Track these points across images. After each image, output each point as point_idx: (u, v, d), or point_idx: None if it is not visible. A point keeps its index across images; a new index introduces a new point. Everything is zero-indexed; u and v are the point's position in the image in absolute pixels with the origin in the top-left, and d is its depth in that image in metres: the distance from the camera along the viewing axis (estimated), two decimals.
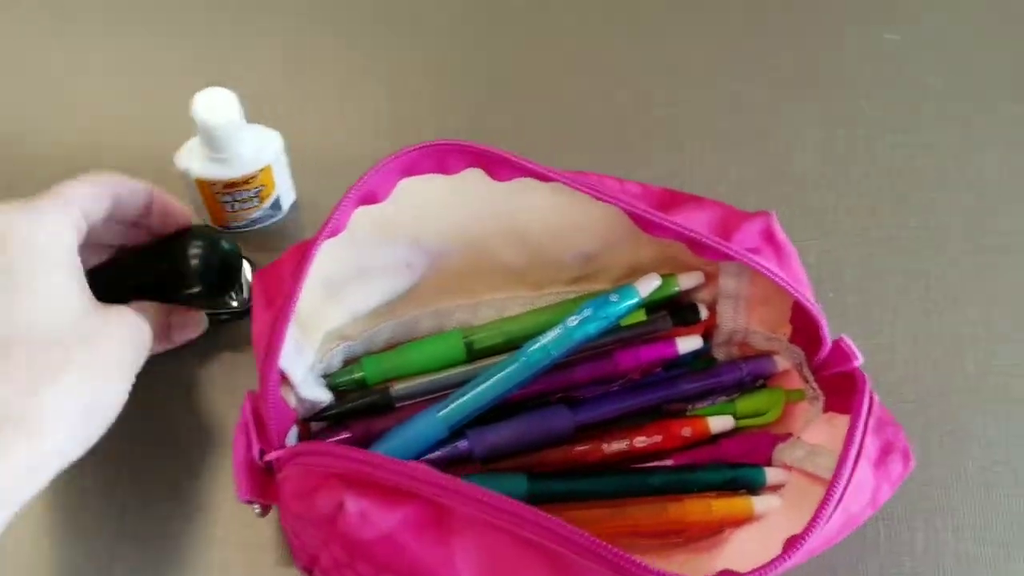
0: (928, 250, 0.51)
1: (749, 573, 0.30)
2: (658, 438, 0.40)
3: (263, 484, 0.35)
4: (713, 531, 0.37)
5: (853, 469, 0.32)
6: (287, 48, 0.57)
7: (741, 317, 0.41)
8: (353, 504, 0.31)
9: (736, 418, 0.41)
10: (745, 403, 0.42)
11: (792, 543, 0.31)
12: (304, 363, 0.38)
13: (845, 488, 0.32)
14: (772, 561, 0.30)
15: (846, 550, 0.41)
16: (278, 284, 0.36)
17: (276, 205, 0.50)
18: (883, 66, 0.57)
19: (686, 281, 0.42)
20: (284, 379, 0.37)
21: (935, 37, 0.59)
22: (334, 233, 0.36)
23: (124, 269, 0.44)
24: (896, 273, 0.50)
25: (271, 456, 0.34)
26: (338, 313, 0.40)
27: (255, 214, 0.49)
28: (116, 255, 0.44)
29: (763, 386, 0.42)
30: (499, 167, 0.38)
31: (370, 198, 0.37)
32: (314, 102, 0.55)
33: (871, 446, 0.34)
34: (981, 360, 0.47)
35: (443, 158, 0.38)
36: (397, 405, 0.40)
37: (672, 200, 0.38)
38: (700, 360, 0.43)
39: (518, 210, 0.39)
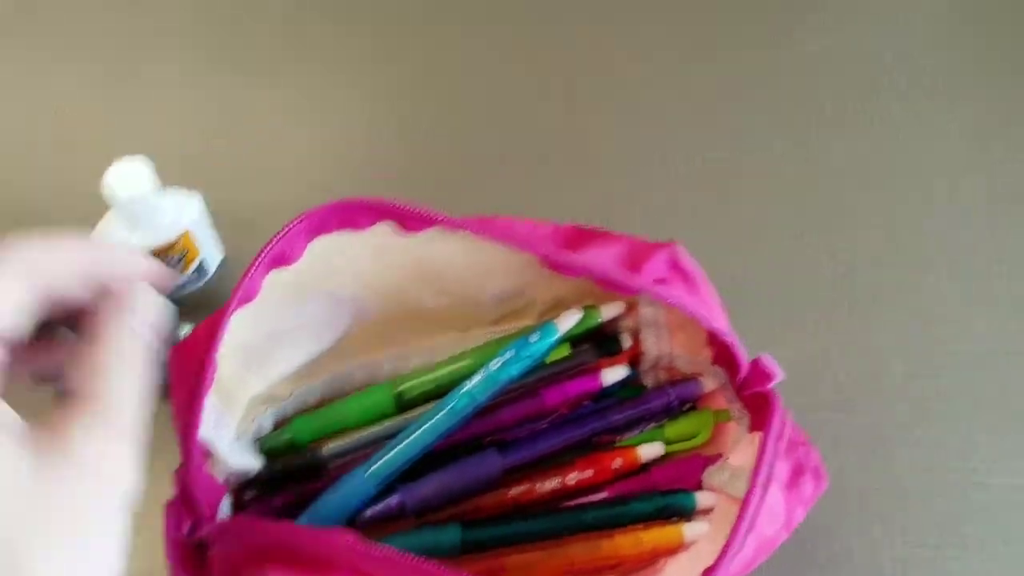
0: (854, 260, 0.52)
1: None
2: (590, 472, 0.40)
3: (196, 562, 0.35)
4: (647, 562, 0.37)
5: (763, 495, 0.33)
6: (200, 101, 0.58)
7: (664, 343, 0.42)
8: None
9: (667, 443, 0.42)
10: (675, 427, 0.42)
11: (706, 574, 0.31)
12: (228, 433, 0.38)
13: (756, 514, 0.32)
14: None
15: (784, 562, 0.41)
16: (192, 359, 0.35)
17: (201, 269, 0.50)
18: (807, 74, 0.59)
19: (608, 311, 0.42)
20: (209, 452, 0.37)
21: (853, 45, 0.60)
22: (246, 301, 0.36)
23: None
24: (824, 283, 0.51)
25: (200, 533, 0.34)
26: (261, 378, 0.40)
27: (180, 280, 0.49)
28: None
29: (692, 409, 0.43)
30: (408, 220, 0.38)
31: (281, 260, 0.37)
32: (233, 157, 0.56)
33: (782, 469, 0.34)
34: (909, 363, 0.48)
35: (351, 215, 0.38)
36: (330, 465, 0.40)
37: (581, 237, 0.38)
38: (629, 388, 0.43)
39: (432, 257, 0.40)
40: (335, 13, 0.61)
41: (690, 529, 0.37)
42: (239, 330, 0.36)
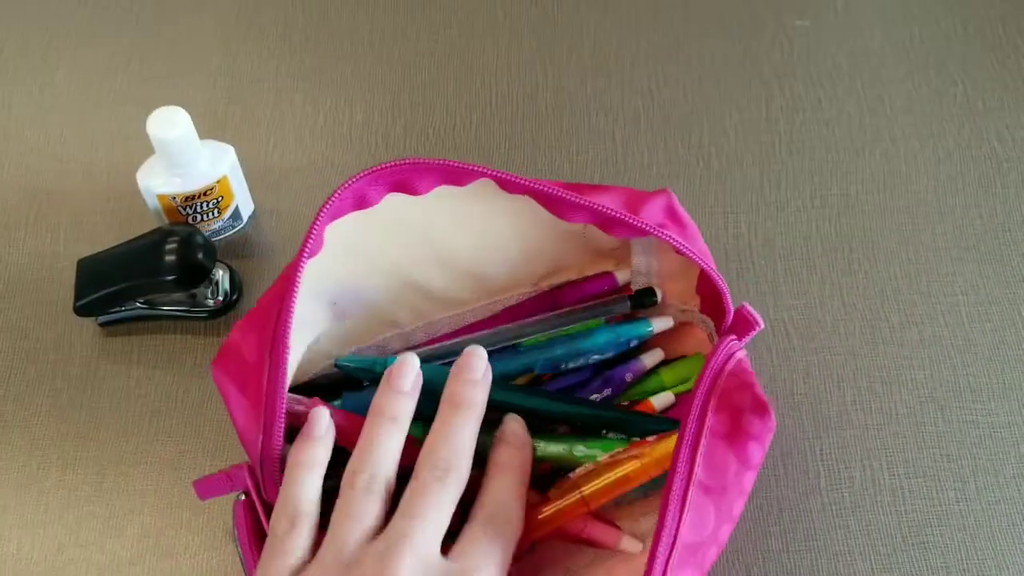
0: (847, 215, 0.54)
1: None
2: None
3: None
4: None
5: (692, 458, 0.35)
6: (228, 70, 0.61)
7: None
8: None
9: (665, 388, 0.44)
10: (670, 373, 0.44)
11: (651, 556, 0.34)
12: None
13: (688, 477, 0.34)
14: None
15: (791, 490, 0.45)
16: (269, 311, 0.36)
17: (236, 215, 0.53)
18: (795, 50, 0.61)
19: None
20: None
21: (840, 21, 0.62)
22: (313, 253, 0.37)
23: (108, 260, 0.47)
24: (820, 238, 0.53)
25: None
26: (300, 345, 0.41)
27: (217, 224, 0.52)
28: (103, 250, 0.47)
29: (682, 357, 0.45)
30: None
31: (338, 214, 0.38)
32: (258, 118, 0.58)
33: (717, 422, 0.36)
34: (902, 311, 0.50)
35: (411, 177, 0.37)
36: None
37: (577, 190, 0.39)
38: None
39: (442, 235, 0.41)
40: None
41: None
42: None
